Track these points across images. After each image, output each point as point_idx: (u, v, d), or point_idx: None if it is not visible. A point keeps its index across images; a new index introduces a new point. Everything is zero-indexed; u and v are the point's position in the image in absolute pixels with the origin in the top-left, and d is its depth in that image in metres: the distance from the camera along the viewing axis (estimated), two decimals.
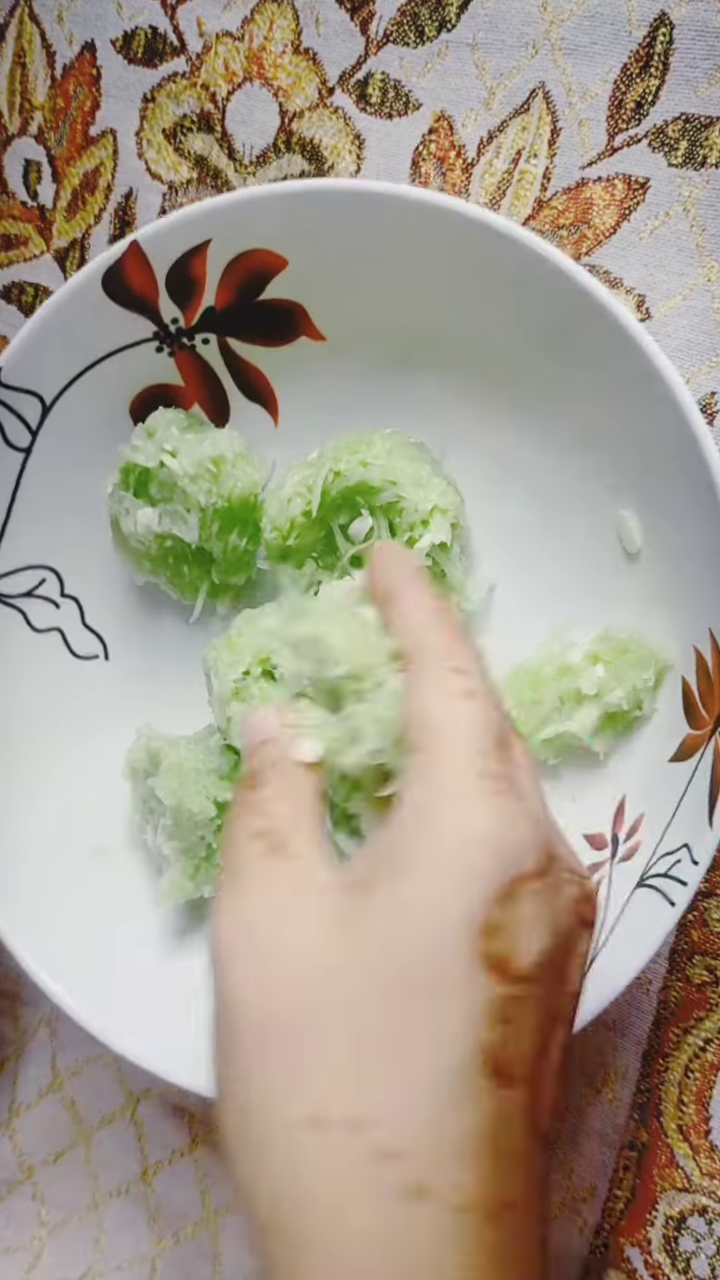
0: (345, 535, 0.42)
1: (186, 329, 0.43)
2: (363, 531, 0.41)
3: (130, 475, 0.42)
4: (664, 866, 0.38)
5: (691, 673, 0.39)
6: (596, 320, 0.37)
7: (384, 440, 0.41)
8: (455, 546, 0.42)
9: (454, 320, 0.41)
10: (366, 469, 0.41)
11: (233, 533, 0.43)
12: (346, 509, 0.42)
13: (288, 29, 0.43)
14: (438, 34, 0.41)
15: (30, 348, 0.42)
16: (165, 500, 0.42)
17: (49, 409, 0.43)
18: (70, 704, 0.47)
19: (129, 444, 0.43)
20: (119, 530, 0.44)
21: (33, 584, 0.46)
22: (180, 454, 0.41)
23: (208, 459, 0.41)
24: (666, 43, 0.38)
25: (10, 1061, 0.55)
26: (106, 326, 0.42)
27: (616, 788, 0.41)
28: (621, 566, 0.41)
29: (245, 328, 0.43)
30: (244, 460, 0.42)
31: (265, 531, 0.43)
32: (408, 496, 0.41)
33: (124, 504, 0.43)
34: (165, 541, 0.43)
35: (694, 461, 0.36)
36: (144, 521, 0.42)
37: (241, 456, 0.42)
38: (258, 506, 0.43)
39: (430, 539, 0.41)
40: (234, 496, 0.42)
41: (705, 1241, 0.42)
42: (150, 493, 0.42)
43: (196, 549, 0.43)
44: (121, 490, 0.43)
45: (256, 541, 0.44)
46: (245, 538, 0.43)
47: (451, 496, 0.42)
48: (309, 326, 0.43)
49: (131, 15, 0.44)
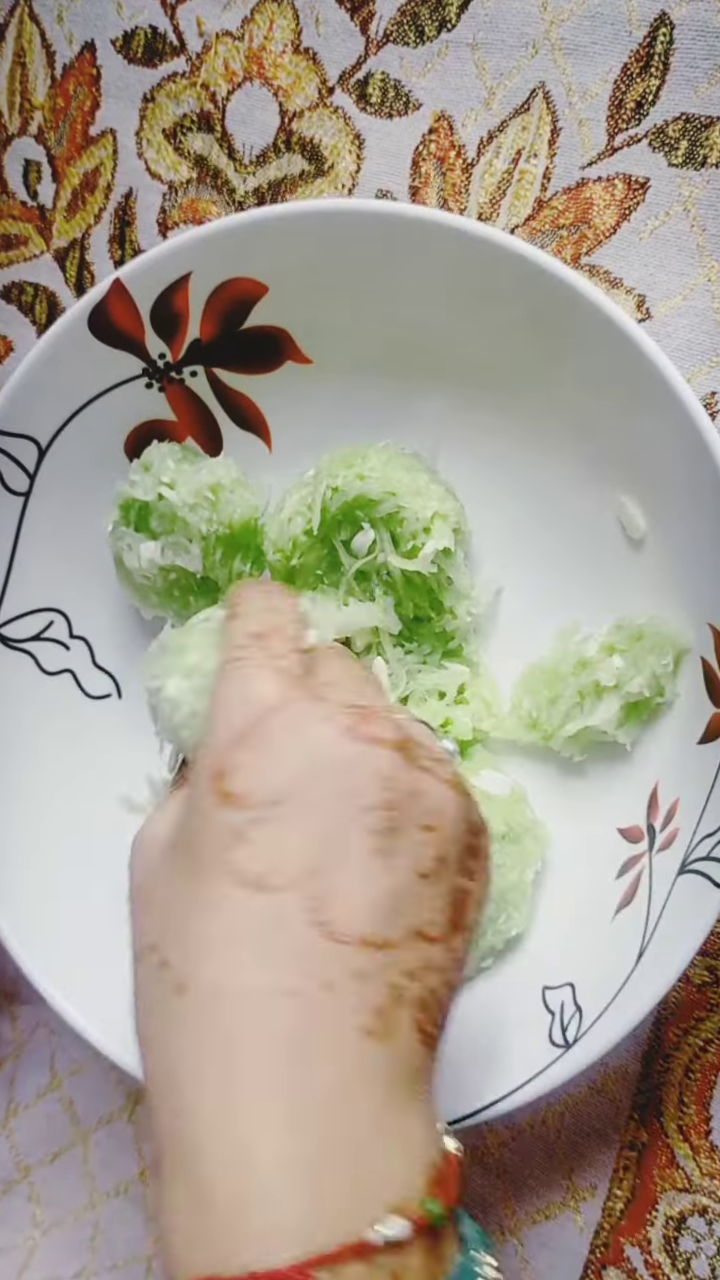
0: (349, 550, 0.42)
1: (174, 363, 0.43)
2: (365, 545, 0.41)
3: (130, 511, 0.42)
4: (705, 849, 0.38)
5: (711, 652, 0.39)
6: (589, 321, 0.37)
7: (379, 453, 0.42)
8: (459, 552, 0.42)
9: (441, 330, 0.41)
10: (364, 482, 0.41)
11: (235, 558, 0.43)
12: (347, 524, 0.42)
13: (288, 29, 0.43)
14: (438, 34, 0.41)
15: (22, 392, 0.42)
16: (167, 532, 0.42)
17: (45, 452, 0.44)
18: (84, 744, 0.47)
19: (126, 480, 0.43)
20: (123, 567, 0.44)
21: (41, 627, 0.46)
22: (178, 485, 0.41)
23: (205, 487, 0.41)
24: (667, 42, 0.38)
25: (8, 1061, 0.55)
26: (95, 366, 0.42)
27: (647, 777, 0.41)
28: (627, 555, 0.42)
29: (231, 357, 0.43)
30: (241, 486, 0.42)
31: (268, 554, 0.43)
32: (407, 506, 0.41)
33: (125, 540, 0.43)
34: (170, 574, 0.43)
35: (695, 445, 0.36)
36: (147, 555, 0.42)
37: (238, 482, 0.42)
38: (258, 530, 0.43)
39: (433, 545, 0.41)
40: (234, 522, 0.42)
41: (705, 1242, 0.42)
42: (151, 526, 0.42)
43: (201, 578, 0.43)
44: (122, 526, 0.43)
45: (261, 565, 0.44)
46: (249, 562, 0.43)
47: (451, 502, 0.42)
48: (294, 351, 0.43)
49: (131, 15, 0.44)
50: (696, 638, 0.40)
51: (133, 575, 0.43)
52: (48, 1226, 0.54)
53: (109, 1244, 0.53)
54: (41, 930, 0.44)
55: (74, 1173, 0.54)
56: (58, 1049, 0.54)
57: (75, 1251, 0.53)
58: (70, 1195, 0.54)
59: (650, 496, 0.40)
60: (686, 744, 0.40)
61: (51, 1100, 0.54)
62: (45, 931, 0.44)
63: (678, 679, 0.41)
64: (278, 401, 0.44)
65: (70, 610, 0.46)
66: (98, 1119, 0.53)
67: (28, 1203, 0.54)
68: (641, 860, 0.41)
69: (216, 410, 0.44)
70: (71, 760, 0.46)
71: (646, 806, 0.41)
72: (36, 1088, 0.54)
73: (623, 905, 0.41)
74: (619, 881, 0.41)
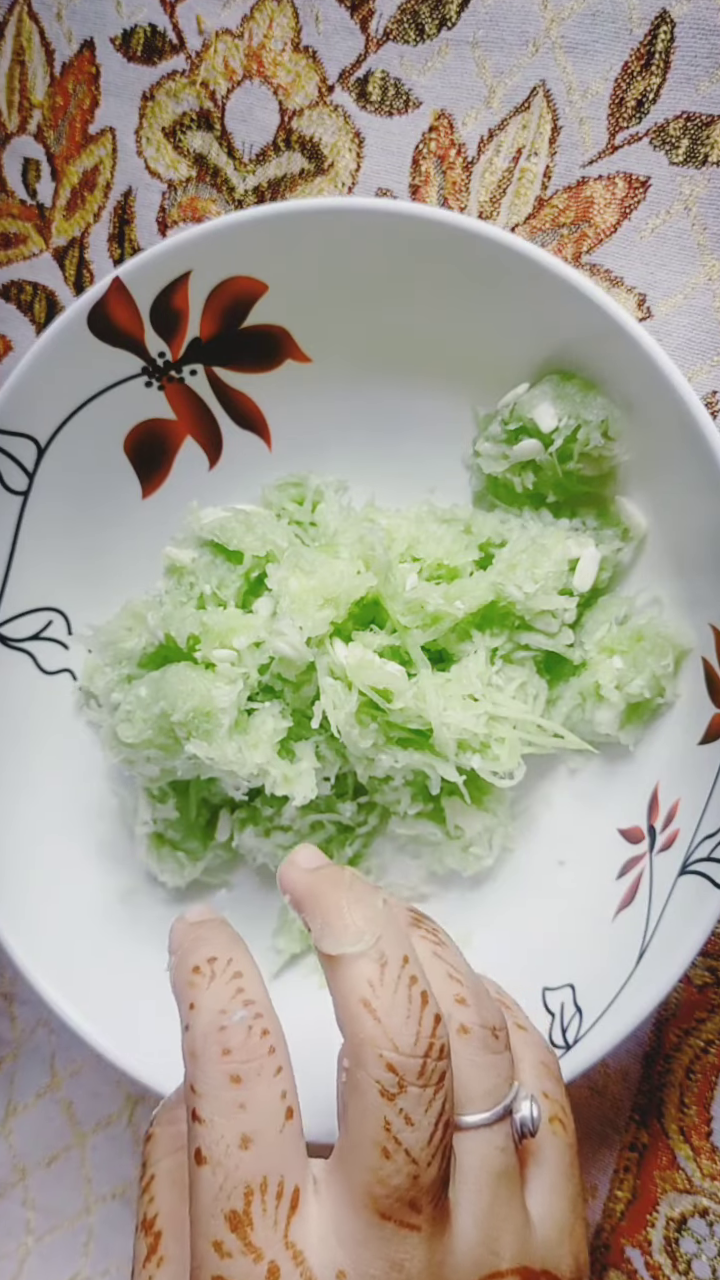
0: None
1: (174, 362, 0.43)
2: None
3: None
4: (706, 850, 0.38)
5: (711, 652, 0.39)
6: (590, 320, 0.37)
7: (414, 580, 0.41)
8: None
9: (441, 328, 0.41)
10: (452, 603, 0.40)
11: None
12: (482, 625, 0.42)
13: (287, 27, 0.43)
14: (438, 32, 0.41)
15: (21, 391, 0.42)
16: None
17: (44, 451, 0.43)
18: (84, 744, 0.47)
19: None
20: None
21: (40, 626, 0.46)
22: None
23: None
24: (668, 40, 0.38)
25: (7, 1062, 0.54)
26: (95, 365, 0.42)
27: (648, 777, 0.41)
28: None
29: (231, 356, 0.43)
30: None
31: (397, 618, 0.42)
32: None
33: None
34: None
35: (696, 445, 0.36)
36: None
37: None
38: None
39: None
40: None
41: (707, 1243, 0.42)
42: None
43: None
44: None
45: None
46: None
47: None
48: (294, 349, 0.43)
49: (131, 13, 0.44)
50: (697, 638, 0.40)
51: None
52: (41, 1233, 0.53)
53: (103, 1249, 0.53)
54: (41, 930, 0.44)
55: (71, 1176, 0.53)
56: (57, 1049, 0.53)
57: (69, 1258, 0.53)
58: (66, 1200, 0.53)
59: (650, 496, 0.40)
60: (687, 744, 0.40)
61: (50, 1101, 0.53)
62: (45, 931, 0.44)
63: (679, 680, 0.41)
64: (277, 400, 0.44)
65: (69, 609, 0.46)
66: (96, 1121, 0.53)
67: (22, 1208, 0.54)
68: (642, 861, 0.40)
69: (216, 409, 0.44)
70: (71, 760, 0.46)
71: (647, 807, 0.41)
72: (36, 1088, 0.54)
73: (623, 906, 0.41)
74: (619, 882, 0.41)
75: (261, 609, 0.41)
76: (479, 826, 0.43)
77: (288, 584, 0.39)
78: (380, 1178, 0.26)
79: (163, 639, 0.41)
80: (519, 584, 0.40)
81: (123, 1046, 0.42)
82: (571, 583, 0.40)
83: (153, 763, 0.41)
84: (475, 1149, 0.28)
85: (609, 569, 0.41)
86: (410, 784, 0.43)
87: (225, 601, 0.41)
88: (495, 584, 0.40)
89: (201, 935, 0.31)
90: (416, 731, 0.40)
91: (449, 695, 0.40)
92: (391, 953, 0.28)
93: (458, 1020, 0.29)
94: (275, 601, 0.40)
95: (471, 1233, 0.28)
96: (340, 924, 0.29)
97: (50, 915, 0.44)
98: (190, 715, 0.39)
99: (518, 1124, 0.29)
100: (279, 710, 0.41)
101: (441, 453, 0.43)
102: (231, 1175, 0.26)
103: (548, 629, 0.41)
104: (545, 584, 0.40)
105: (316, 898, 0.30)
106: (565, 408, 0.39)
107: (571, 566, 0.40)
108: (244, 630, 0.40)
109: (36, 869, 0.45)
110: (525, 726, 0.40)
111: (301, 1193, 0.27)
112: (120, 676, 0.43)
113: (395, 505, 0.43)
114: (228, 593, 0.41)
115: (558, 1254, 0.29)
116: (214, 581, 0.42)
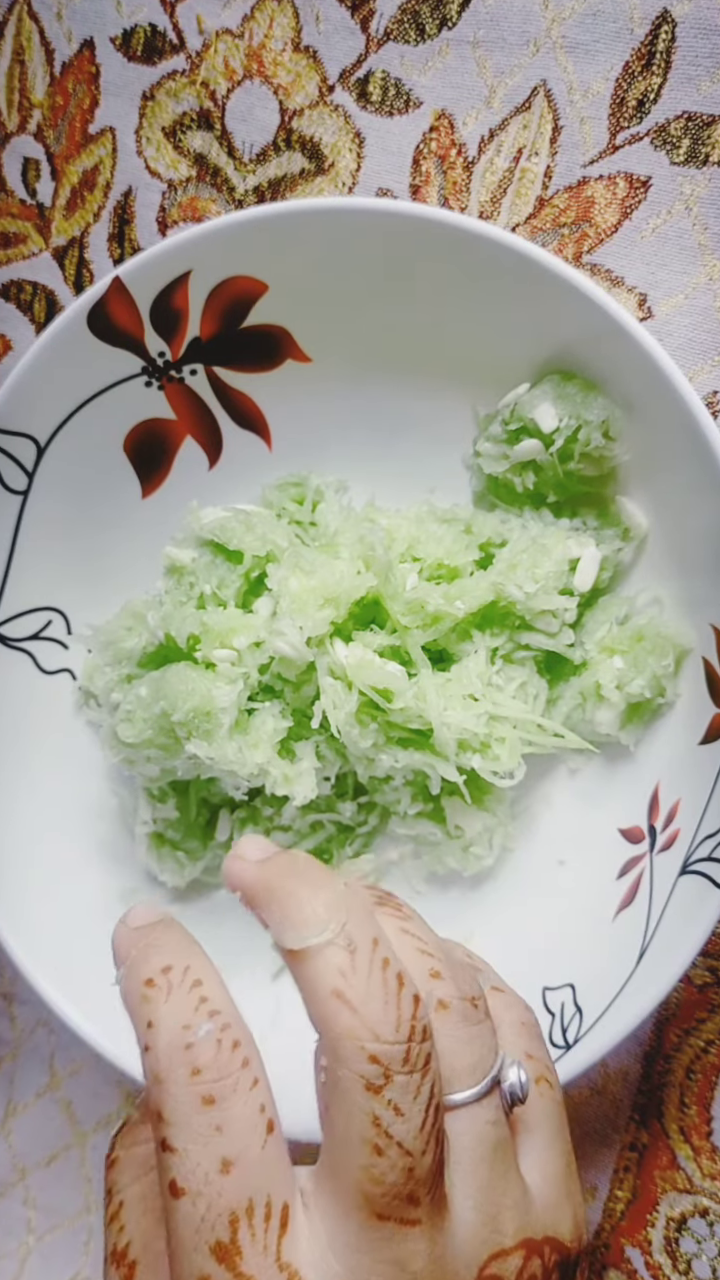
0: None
1: (174, 361, 0.43)
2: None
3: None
4: (706, 850, 0.38)
5: (712, 652, 0.39)
6: (591, 320, 0.37)
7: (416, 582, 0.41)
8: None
9: (441, 328, 0.41)
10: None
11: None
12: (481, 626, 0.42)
13: (288, 26, 0.42)
14: (439, 31, 0.41)
15: (21, 391, 0.42)
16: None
17: (44, 450, 0.43)
18: (83, 743, 0.47)
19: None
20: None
21: (39, 626, 0.46)
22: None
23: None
24: (669, 40, 0.38)
25: (7, 1062, 0.54)
26: (95, 364, 0.42)
27: (648, 777, 0.41)
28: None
29: (232, 356, 0.43)
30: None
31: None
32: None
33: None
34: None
35: (696, 444, 0.36)
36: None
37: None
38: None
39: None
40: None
41: (707, 1243, 0.42)
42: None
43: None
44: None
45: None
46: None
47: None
48: (294, 349, 0.43)
49: (131, 13, 0.44)
50: (697, 638, 0.40)
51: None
52: (42, 1233, 0.53)
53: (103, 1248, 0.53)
54: (41, 930, 0.44)
55: (71, 1175, 0.53)
56: (57, 1048, 0.53)
57: (70, 1257, 0.53)
58: (66, 1199, 0.53)
59: (651, 496, 0.40)
60: (688, 744, 0.40)
61: (50, 1101, 0.53)
62: (45, 931, 0.44)
63: (679, 680, 0.41)
64: (277, 399, 0.44)
65: (69, 609, 0.46)
66: (96, 1121, 0.53)
67: (23, 1207, 0.54)
68: (642, 861, 0.40)
69: (216, 409, 0.44)
70: (70, 759, 0.46)
71: (647, 807, 0.41)
72: (36, 1087, 0.54)
73: (623, 906, 0.41)
74: (620, 882, 0.41)
75: (261, 609, 0.41)
76: (479, 826, 0.43)
77: (288, 584, 0.40)
78: (374, 1176, 0.25)
79: (163, 639, 0.41)
80: (519, 584, 0.40)
81: (123, 1046, 0.42)
82: (572, 582, 0.40)
83: (153, 763, 0.41)
84: (467, 1127, 0.27)
85: (609, 569, 0.41)
86: (410, 784, 0.43)
87: (225, 601, 0.41)
88: (496, 584, 0.40)
89: (151, 941, 0.28)
90: (416, 731, 0.40)
91: (449, 695, 0.40)
92: (360, 937, 0.26)
93: (435, 996, 0.27)
94: (275, 601, 0.40)
95: (472, 1215, 0.26)
96: (300, 915, 0.27)
97: (50, 915, 0.44)
98: (190, 715, 0.39)
99: (506, 1093, 0.28)
100: (279, 710, 0.41)
101: (441, 453, 0.43)
102: (214, 1204, 0.24)
103: (548, 629, 0.41)
104: (546, 584, 0.40)
105: (271, 891, 0.28)
106: (566, 408, 0.39)
107: (572, 566, 0.40)
108: (244, 630, 0.40)
109: (36, 868, 0.45)
110: (525, 726, 0.40)
111: (290, 1208, 0.25)
112: (120, 676, 0.43)
113: (395, 505, 0.43)
114: (228, 593, 0.41)
115: (557, 1217, 0.28)
116: (214, 581, 0.42)
